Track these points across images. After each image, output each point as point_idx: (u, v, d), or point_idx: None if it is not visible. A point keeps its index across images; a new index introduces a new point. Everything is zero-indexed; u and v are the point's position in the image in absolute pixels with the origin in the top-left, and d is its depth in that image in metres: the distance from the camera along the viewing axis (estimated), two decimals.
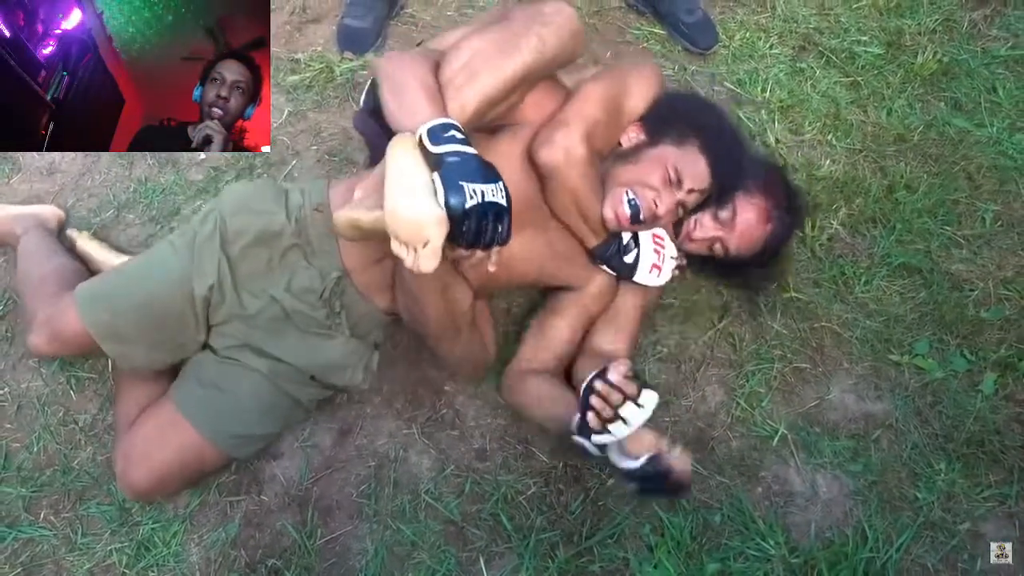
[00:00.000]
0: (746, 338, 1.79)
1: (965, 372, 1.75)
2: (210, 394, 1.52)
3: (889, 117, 2.15)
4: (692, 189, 1.51)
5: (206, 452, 1.51)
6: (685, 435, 1.67)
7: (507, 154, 1.49)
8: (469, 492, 1.59)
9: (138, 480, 1.49)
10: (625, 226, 1.50)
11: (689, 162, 1.50)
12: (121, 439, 1.56)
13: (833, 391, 1.74)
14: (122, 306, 1.51)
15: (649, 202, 1.48)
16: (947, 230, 1.95)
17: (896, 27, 2.33)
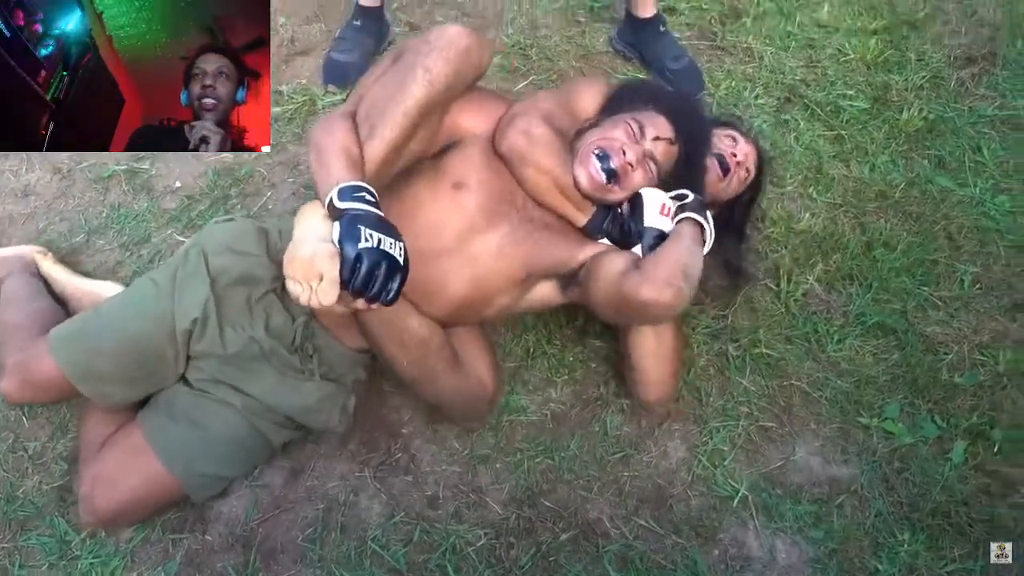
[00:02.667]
0: (712, 393, 1.76)
1: (935, 438, 1.71)
2: (182, 429, 1.50)
3: (872, 173, 2.13)
4: (657, 137, 1.52)
5: (171, 487, 1.50)
6: (643, 491, 1.63)
7: (464, 159, 1.51)
8: (417, 541, 1.56)
9: (103, 506, 1.48)
10: (600, 184, 1.48)
11: (647, 117, 1.53)
12: (88, 463, 1.53)
13: (799, 452, 1.69)
14: (102, 347, 1.49)
15: (617, 152, 1.48)
16: (924, 290, 1.92)
17: (883, 82, 2.32)
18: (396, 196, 1.50)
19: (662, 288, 1.37)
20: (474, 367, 1.58)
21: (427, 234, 1.48)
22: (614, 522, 1.59)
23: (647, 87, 1.68)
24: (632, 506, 1.61)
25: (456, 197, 1.49)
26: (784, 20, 2.48)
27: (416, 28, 2.45)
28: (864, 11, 2.53)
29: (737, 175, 1.74)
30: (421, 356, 1.50)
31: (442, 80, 1.38)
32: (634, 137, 1.51)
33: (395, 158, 1.41)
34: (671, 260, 1.42)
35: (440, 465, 1.64)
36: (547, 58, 2.36)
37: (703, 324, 1.84)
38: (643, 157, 1.51)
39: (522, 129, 1.49)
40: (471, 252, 1.50)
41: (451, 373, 1.55)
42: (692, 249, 1.46)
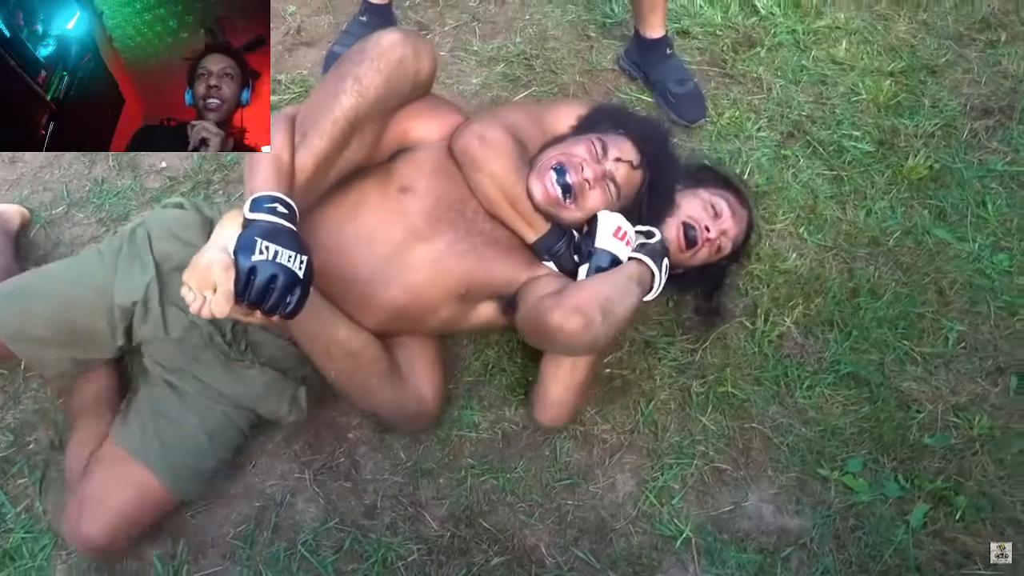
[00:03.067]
0: (670, 428, 1.71)
1: (895, 498, 1.65)
2: (153, 426, 1.48)
3: (867, 218, 2.07)
4: (619, 158, 1.48)
5: (158, 492, 1.45)
6: (585, 522, 1.59)
7: (413, 165, 1.49)
8: (348, 549, 1.53)
9: (93, 529, 1.40)
10: (554, 198, 1.45)
11: (613, 139, 1.50)
12: (72, 493, 1.47)
13: (751, 498, 1.64)
14: (36, 307, 1.48)
15: (576, 168, 1.45)
16: (905, 344, 1.86)
17: (892, 126, 2.25)
18: (342, 197, 1.48)
19: (570, 315, 1.32)
20: (415, 381, 1.55)
21: (366, 237, 1.46)
22: (551, 551, 1.56)
23: (620, 113, 1.63)
24: (572, 536, 1.58)
25: (401, 200, 1.47)
26: (799, 54, 2.43)
27: (426, 28, 2.43)
28: (883, 52, 2.47)
29: (707, 248, 1.66)
30: (350, 368, 1.48)
31: (372, 91, 1.36)
32: (596, 156, 1.48)
33: (325, 168, 1.39)
34: (592, 290, 1.38)
35: (382, 474, 1.62)
36: (551, 70, 2.33)
37: (670, 357, 1.80)
38: (602, 176, 1.48)
39: (478, 133, 1.46)
40: (409, 260, 1.47)
41: (384, 386, 1.52)
42: (625, 287, 1.42)
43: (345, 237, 1.39)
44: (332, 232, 1.47)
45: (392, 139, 1.50)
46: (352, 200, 1.48)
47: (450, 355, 1.77)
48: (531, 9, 2.49)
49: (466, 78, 2.31)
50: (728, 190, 1.73)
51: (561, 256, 1.51)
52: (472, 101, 2.24)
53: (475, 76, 2.31)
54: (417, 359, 1.57)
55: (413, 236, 1.47)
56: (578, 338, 1.33)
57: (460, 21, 2.45)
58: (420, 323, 1.53)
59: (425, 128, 1.51)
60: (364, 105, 1.36)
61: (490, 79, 2.30)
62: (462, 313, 1.53)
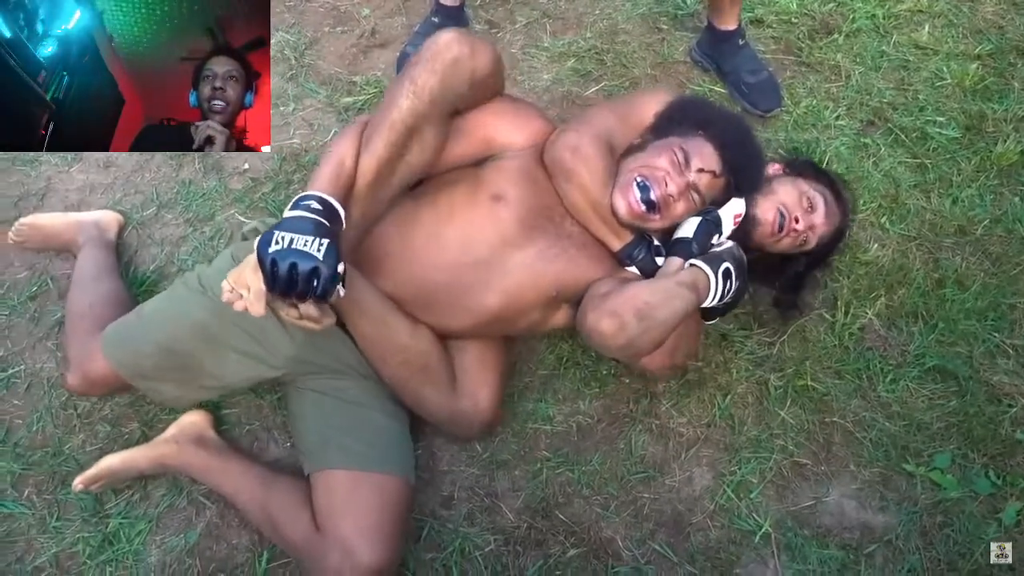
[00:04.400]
0: (748, 422, 1.69)
1: (987, 495, 1.59)
2: (346, 438, 1.48)
3: (953, 206, 2.00)
4: (702, 168, 1.46)
5: (396, 487, 1.45)
6: (661, 515, 1.59)
7: (503, 173, 1.50)
8: (427, 538, 1.56)
9: (371, 555, 1.36)
10: (639, 214, 1.45)
11: (695, 146, 1.48)
12: (322, 553, 1.38)
13: (832, 494, 1.61)
14: (143, 348, 1.51)
15: (659, 182, 1.44)
16: (995, 336, 1.79)
17: (979, 111, 2.17)
18: (432, 204, 1.50)
19: (603, 317, 1.35)
20: (472, 389, 1.55)
21: (461, 244, 1.48)
22: (627, 544, 1.56)
23: (701, 108, 1.59)
24: (648, 529, 1.57)
25: (494, 209, 1.48)
26: (879, 39, 2.36)
27: (496, 26, 2.45)
28: (969, 34, 2.38)
29: (791, 238, 1.62)
30: (404, 375, 1.50)
31: (426, 92, 1.36)
32: (679, 167, 1.46)
33: (387, 171, 1.40)
34: (631, 294, 1.39)
35: (459, 465, 1.64)
36: (622, 64, 2.32)
37: (747, 350, 1.77)
38: (686, 189, 1.46)
39: (571, 145, 1.47)
40: (505, 265, 1.48)
41: (437, 395, 1.53)
42: (670, 291, 1.40)
43: (441, 244, 1.41)
44: (427, 239, 1.48)
45: (476, 146, 1.51)
46: (443, 208, 1.49)
47: (525, 348, 1.78)
48: (601, 4, 2.49)
49: (537, 74, 2.32)
50: (829, 189, 1.68)
51: (643, 260, 1.52)
52: (543, 97, 2.25)
53: (546, 72, 2.32)
54: (477, 366, 1.56)
55: (508, 243, 1.48)
56: (611, 339, 1.35)
57: (531, 18, 2.46)
58: (509, 326, 1.55)
59: (510, 135, 1.51)
60: (420, 107, 1.37)
61: (561, 74, 2.31)
62: (546, 316, 1.55)
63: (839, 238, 1.70)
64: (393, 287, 1.49)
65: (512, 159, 1.51)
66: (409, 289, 1.49)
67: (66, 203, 2.06)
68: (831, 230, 1.66)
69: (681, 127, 1.51)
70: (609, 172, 1.49)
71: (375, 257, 1.50)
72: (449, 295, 1.49)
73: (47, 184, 2.09)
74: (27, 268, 1.94)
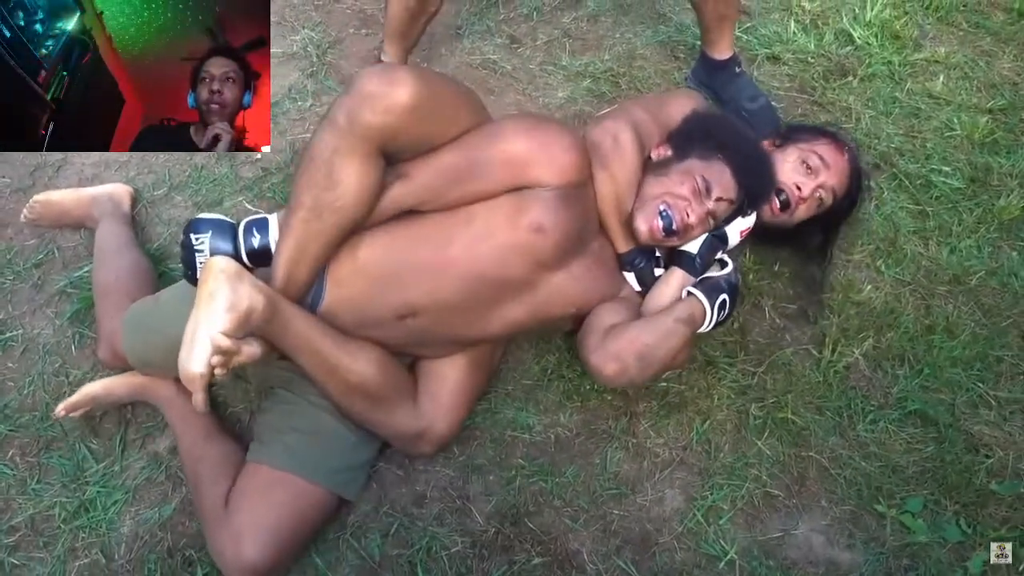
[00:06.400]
0: (724, 449, 1.70)
1: (955, 543, 1.59)
2: (297, 439, 1.52)
3: (951, 255, 2.01)
4: (720, 198, 1.54)
5: (317, 498, 1.49)
6: (629, 532, 1.60)
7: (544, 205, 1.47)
8: (395, 534, 1.58)
9: (254, 552, 1.40)
10: (659, 239, 1.53)
11: (716, 172, 1.55)
12: (219, 527, 1.46)
13: (801, 527, 1.62)
14: (154, 339, 1.56)
15: (682, 212, 1.52)
16: (979, 387, 1.80)
17: (985, 164, 2.19)
18: (468, 223, 1.48)
19: (606, 361, 1.48)
20: (433, 415, 1.56)
21: (498, 264, 1.48)
22: (593, 558, 1.57)
23: (723, 129, 1.64)
24: (615, 545, 1.58)
25: (533, 239, 1.47)
26: (893, 86, 2.39)
27: (518, 42, 2.49)
28: (984, 88, 2.40)
29: (805, 206, 1.72)
30: (345, 401, 1.51)
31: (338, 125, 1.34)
32: (699, 196, 1.53)
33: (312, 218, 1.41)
34: (632, 337, 1.49)
35: (434, 466, 1.66)
36: (637, 88, 2.35)
37: (730, 377, 1.79)
38: (705, 216, 1.53)
39: (612, 132, 1.56)
40: (537, 286, 1.53)
41: (385, 416, 1.54)
42: (669, 330, 1.50)
43: (476, 259, 1.46)
44: (463, 251, 1.47)
45: (503, 183, 1.48)
46: (480, 228, 1.48)
47: (512, 358, 1.80)
48: (623, 28, 2.53)
49: (552, 91, 2.35)
50: (823, 140, 1.77)
51: (642, 269, 1.60)
52: (556, 114, 2.28)
53: (561, 90, 2.35)
54: (448, 396, 1.57)
55: (543, 267, 1.51)
56: (613, 382, 1.51)
57: (552, 36, 2.50)
58: (527, 334, 1.63)
59: (542, 175, 1.47)
60: (334, 139, 1.34)
61: (576, 94, 2.34)
62: (559, 325, 1.63)
63: (857, 180, 1.79)
64: (420, 296, 1.48)
65: (551, 191, 1.48)
66: (438, 297, 1.49)
67: (81, 176, 2.11)
68: (843, 179, 1.74)
69: (703, 146, 1.57)
70: (638, 169, 1.58)
71: (405, 264, 1.49)
72: (479, 306, 1.51)
73: (64, 157, 2.13)
74: (36, 236, 1.99)
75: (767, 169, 1.67)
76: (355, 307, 1.49)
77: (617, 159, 1.55)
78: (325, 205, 1.37)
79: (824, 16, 2.54)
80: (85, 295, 1.85)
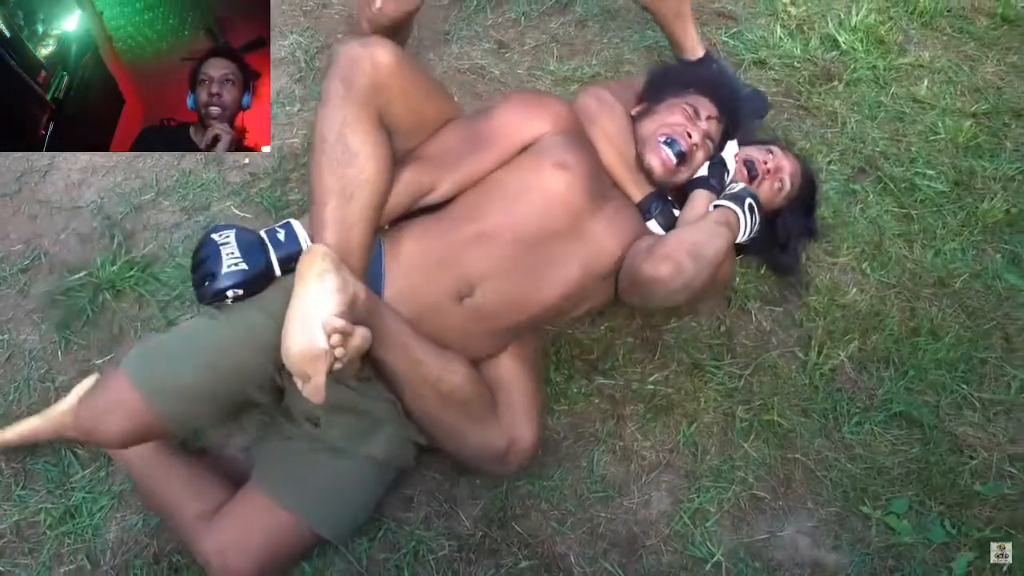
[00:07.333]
0: (711, 452, 1.71)
1: (940, 544, 1.60)
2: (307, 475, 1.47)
3: (935, 258, 2.03)
4: (710, 116, 1.66)
5: (311, 536, 1.46)
6: (616, 535, 1.60)
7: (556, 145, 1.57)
8: (382, 538, 1.58)
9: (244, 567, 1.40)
10: (672, 168, 1.61)
11: (695, 99, 1.68)
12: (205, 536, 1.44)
13: (787, 529, 1.63)
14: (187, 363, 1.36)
15: (683, 136, 1.61)
16: (964, 388, 1.81)
17: (969, 167, 2.21)
18: (501, 186, 1.52)
19: (659, 263, 1.44)
20: (512, 422, 1.51)
21: (539, 218, 1.51)
22: (580, 560, 1.57)
23: (679, 72, 1.81)
24: (602, 548, 1.59)
25: (561, 178, 1.52)
26: (878, 90, 2.40)
27: (506, 47, 2.50)
28: (967, 92, 2.42)
29: (769, 182, 1.76)
30: (438, 408, 1.46)
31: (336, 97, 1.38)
32: (692, 120, 1.62)
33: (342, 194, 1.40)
34: (679, 238, 1.50)
35: (422, 470, 1.66)
36: None
37: (717, 380, 1.80)
38: (704, 137, 1.64)
39: (593, 93, 1.69)
40: (583, 235, 1.54)
41: (474, 429, 1.49)
42: (712, 230, 1.52)
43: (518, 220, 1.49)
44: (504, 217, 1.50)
45: (507, 148, 1.55)
46: (513, 186, 1.53)
47: None
48: (610, 33, 2.54)
49: None
50: (776, 144, 1.87)
51: (662, 212, 1.64)
52: None
53: None
54: (521, 399, 1.53)
55: (582, 212, 1.54)
56: (672, 283, 1.43)
57: (540, 41, 2.51)
58: (577, 301, 1.59)
59: (536, 126, 1.57)
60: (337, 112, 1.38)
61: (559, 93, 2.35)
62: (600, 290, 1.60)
63: (810, 179, 1.87)
64: (475, 267, 1.47)
65: (556, 136, 1.57)
66: (493, 265, 1.47)
67: (67, 181, 2.11)
68: (795, 169, 1.81)
69: (672, 88, 1.71)
70: (627, 118, 1.68)
71: (453, 243, 1.49)
72: (533, 268, 1.50)
73: (51, 162, 2.13)
74: (23, 242, 1.98)
75: (734, 86, 1.89)
76: (413, 296, 1.46)
77: (605, 113, 1.65)
78: (352, 181, 1.37)
79: (810, 21, 2.56)
80: (72, 302, 1.84)
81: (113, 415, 1.32)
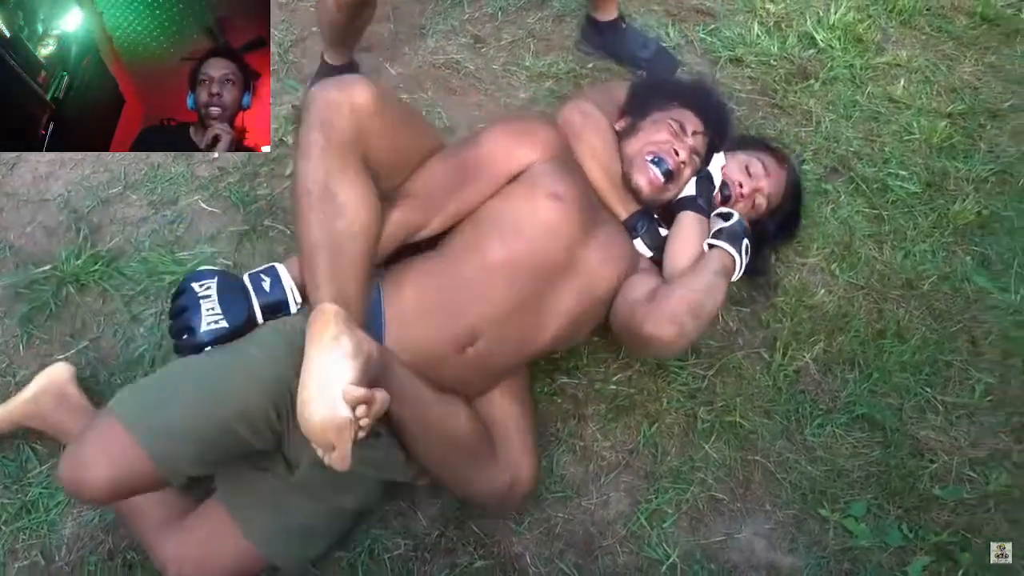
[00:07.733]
0: (671, 453, 1.71)
1: (896, 547, 1.61)
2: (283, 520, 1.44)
3: (904, 260, 2.02)
4: (696, 131, 1.66)
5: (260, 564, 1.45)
6: (573, 536, 1.60)
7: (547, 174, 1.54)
8: None
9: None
10: (659, 186, 1.61)
11: (680, 113, 1.67)
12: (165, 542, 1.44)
13: (744, 531, 1.63)
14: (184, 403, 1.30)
15: (670, 153, 1.61)
16: (927, 391, 1.81)
17: (942, 168, 2.20)
18: (496, 222, 1.50)
19: (664, 325, 1.44)
20: (510, 458, 1.51)
21: (536, 251, 1.48)
22: (535, 560, 1.57)
23: (665, 82, 1.80)
24: (558, 548, 1.59)
25: (556, 208, 1.49)
26: (854, 89, 2.39)
27: (482, 42, 2.48)
28: (944, 92, 2.41)
29: (743, 204, 1.74)
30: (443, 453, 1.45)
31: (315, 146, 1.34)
32: (678, 136, 1.61)
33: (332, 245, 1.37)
34: (680, 295, 1.48)
35: None
36: None
37: (680, 381, 1.79)
38: (691, 153, 1.64)
39: (577, 107, 1.67)
40: (578, 265, 1.52)
41: (480, 471, 1.48)
42: (711, 284, 1.51)
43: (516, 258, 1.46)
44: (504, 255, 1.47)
45: (498, 178, 1.52)
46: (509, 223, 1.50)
47: None
48: None
49: (515, 92, 2.34)
50: (765, 152, 1.83)
51: (648, 231, 1.64)
52: None
53: (524, 91, 2.35)
54: (516, 434, 1.53)
55: (576, 242, 1.52)
56: (673, 345, 1.47)
57: (516, 37, 2.49)
58: (577, 328, 1.58)
59: (525, 155, 1.54)
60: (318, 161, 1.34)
61: (538, 94, 2.34)
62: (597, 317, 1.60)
63: (794, 191, 1.85)
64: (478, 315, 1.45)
65: (545, 164, 1.54)
66: (494, 309, 1.45)
67: (35, 174, 2.09)
68: (779, 188, 1.79)
69: (657, 102, 1.70)
70: (612, 133, 1.67)
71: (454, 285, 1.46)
72: (533, 303, 1.48)
73: (18, 155, 2.11)
74: None
75: (718, 97, 1.84)
76: (417, 346, 1.43)
77: (590, 128, 1.64)
78: (343, 234, 1.34)
79: (788, 19, 2.54)
80: (35, 295, 1.84)
81: (101, 463, 1.21)
